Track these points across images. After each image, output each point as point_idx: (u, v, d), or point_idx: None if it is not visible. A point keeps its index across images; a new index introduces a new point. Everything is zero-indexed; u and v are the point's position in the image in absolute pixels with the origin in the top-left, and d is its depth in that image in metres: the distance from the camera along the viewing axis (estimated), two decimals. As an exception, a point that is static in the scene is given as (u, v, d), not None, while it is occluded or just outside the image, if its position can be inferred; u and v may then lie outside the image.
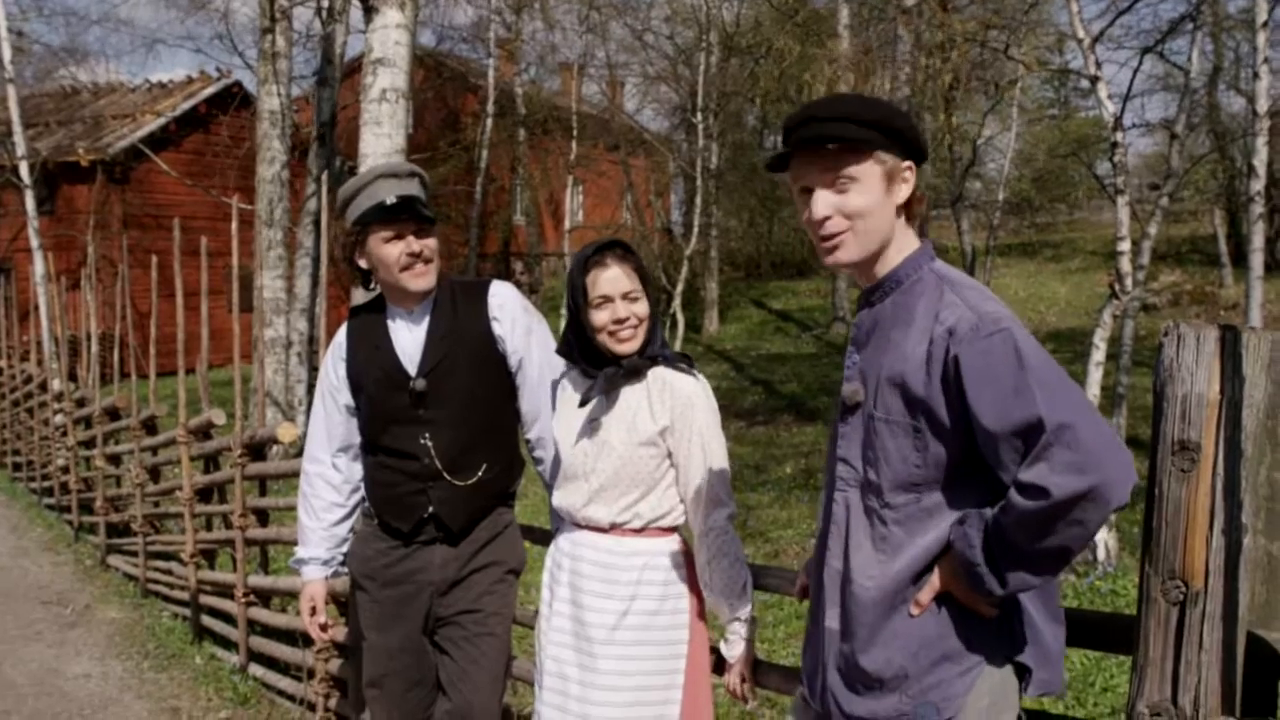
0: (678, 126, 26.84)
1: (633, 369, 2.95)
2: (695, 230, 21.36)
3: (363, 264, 3.37)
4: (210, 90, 25.01)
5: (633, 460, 2.93)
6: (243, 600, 5.96)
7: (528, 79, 27.59)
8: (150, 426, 8.26)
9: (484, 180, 26.19)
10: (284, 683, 5.62)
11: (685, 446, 2.93)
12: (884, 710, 2.23)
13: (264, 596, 6.04)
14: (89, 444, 9.82)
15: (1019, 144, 24.21)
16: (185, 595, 7.08)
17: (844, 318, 21.55)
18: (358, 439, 3.53)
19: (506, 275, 30.99)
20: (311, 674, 5.04)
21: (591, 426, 3.00)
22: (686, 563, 3.00)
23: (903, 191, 2.25)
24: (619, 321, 2.93)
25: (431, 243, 3.34)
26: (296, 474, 5.49)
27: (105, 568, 8.99)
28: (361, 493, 3.56)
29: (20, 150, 17.83)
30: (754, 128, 29.17)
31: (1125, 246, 8.75)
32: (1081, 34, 9.07)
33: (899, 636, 2.21)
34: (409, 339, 3.40)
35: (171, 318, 7.67)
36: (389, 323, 3.44)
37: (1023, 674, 2.24)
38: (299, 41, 15.90)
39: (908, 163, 2.25)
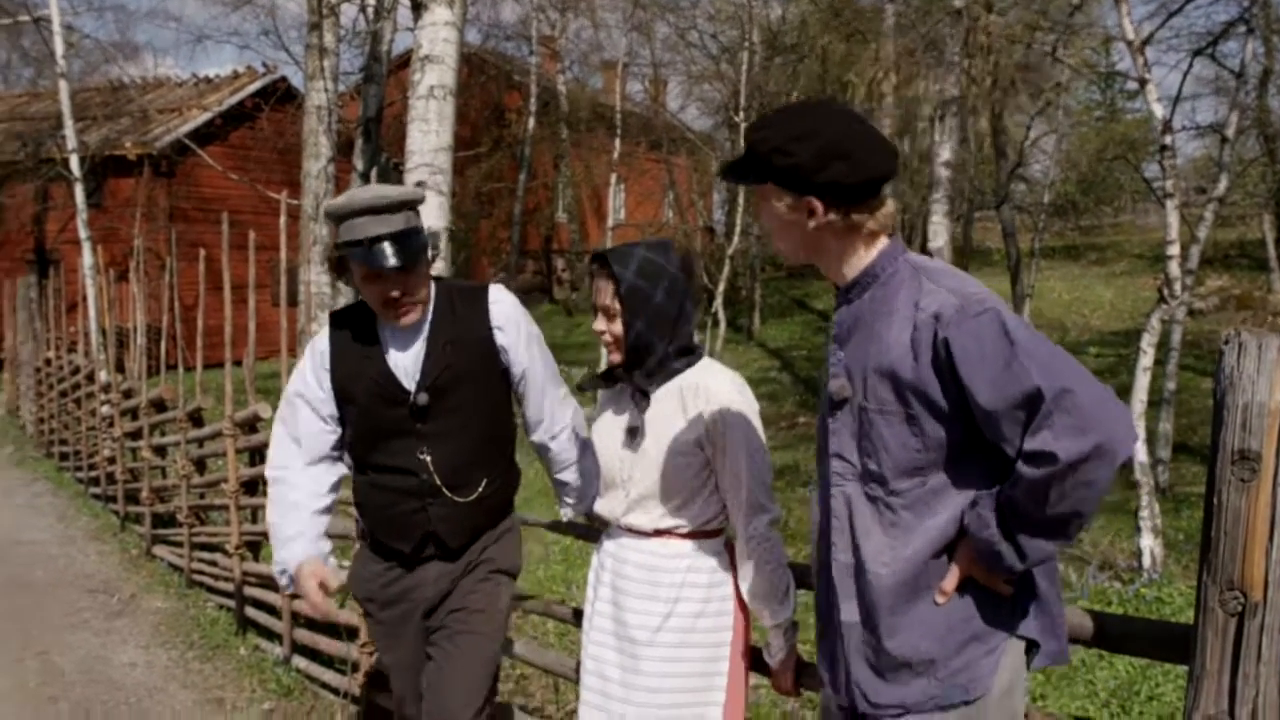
0: (720, 125, 26.82)
1: (595, 385, 3.10)
2: (737, 230, 21.35)
3: (351, 285, 3.22)
4: (256, 85, 25.26)
5: (671, 469, 2.92)
6: (287, 593, 6.01)
7: (571, 77, 27.65)
8: (196, 419, 8.34)
9: (526, 177, 26.27)
10: (327, 675, 5.66)
11: (724, 453, 2.90)
12: (912, 696, 2.25)
13: (307, 589, 6.09)
14: (135, 435, 9.93)
15: (1065, 146, 24.03)
16: (230, 587, 7.15)
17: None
18: (334, 451, 3.31)
19: (548, 272, 31.10)
20: (355, 667, 5.09)
21: (628, 435, 3.00)
22: (731, 564, 2.99)
23: (810, 223, 2.26)
24: (598, 335, 3.00)
25: (415, 282, 3.11)
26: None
27: (150, 558, 9.09)
28: (334, 499, 3.34)
29: (70, 143, 18.05)
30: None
31: (1174, 251, 8.68)
32: (1131, 36, 8.99)
33: (924, 622, 2.23)
34: (405, 349, 3.20)
35: (217, 310, 7.74)
36: (380, 330, 3.23)
37: (1031, 648, 2.28)
38: (345, 38, 15.97)
39: (805, 199, 2.23)
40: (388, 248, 3.04)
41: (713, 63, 24.23)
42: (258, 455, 7.09)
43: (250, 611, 6.84)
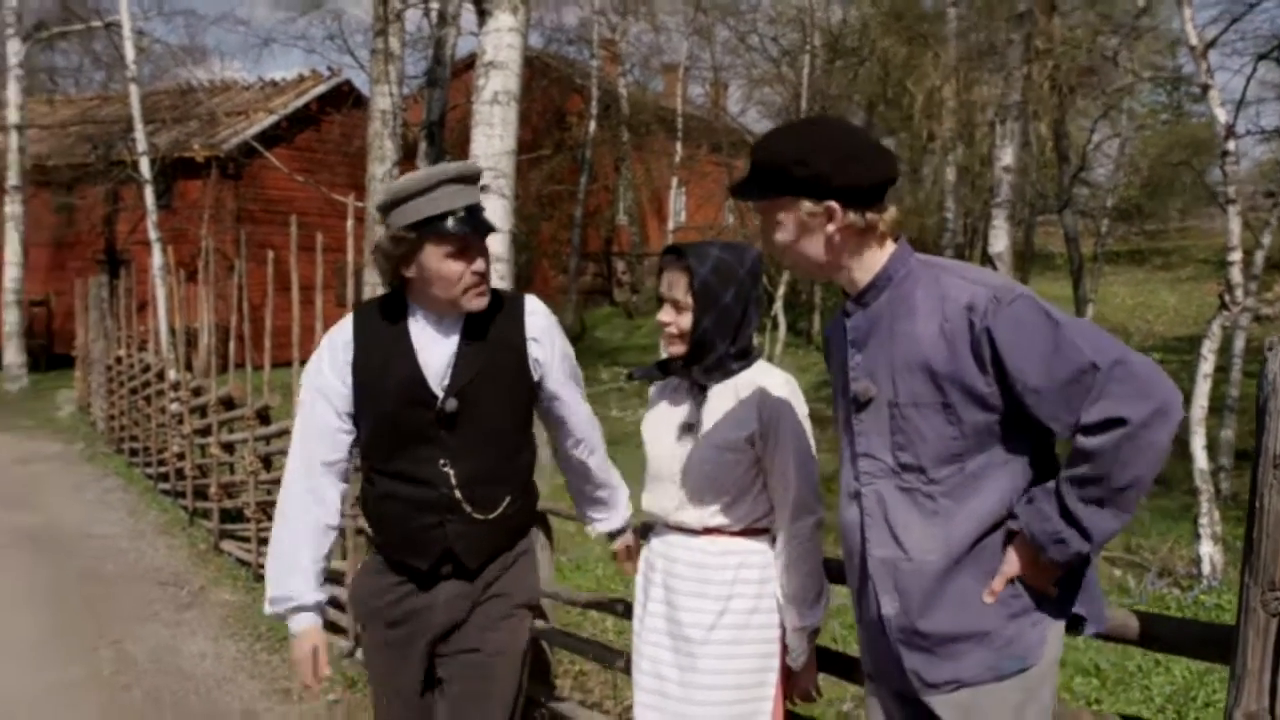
0: (777, 125, 26.81)
1: (648, 375, 3.10)
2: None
3: (408, 274, 2.95)
4: (321, 89, 25.71)
5: (721, 466, 2.94)
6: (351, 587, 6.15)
7: (632, 80, 27.78)
8: (264, 416, 8.53)
9: (587, 180, 26.42)
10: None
11: (774, 453, 2.94)
12: (968, 670, 2.30)
13: (373, 584, 6.23)
14: (204, 432, 10.15)
15: (1129, 149, 23.84)
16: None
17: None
18: (346, 456, 3.10)
19: (609, 274, 31.24)
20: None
21: (681, 431, 3.01)
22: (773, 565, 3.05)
23: (827, 228, 2.34)
24: (663, 325, 2.97)
25: (488, 260, 2.98)
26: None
27: (218, 552, 9.31)
28: (341, 520, 3.14)
29: (140, 146, 18.45)
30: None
31: (1236, 257, 8.63)
32: (1194, 41, 8.95)
33: (970, 598, 2.30)
34: (436, 350, 3.00)
35: (284, 310, 7.91)
36: (411, 327, 3.03)
37: (1077, 622, 2.37)
38: (409, 43, 16.21)
39: (825, 204, 2.31)
40: (481, 215, 2.92)
41: (773, 66, 24.27)
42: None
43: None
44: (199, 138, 23.73)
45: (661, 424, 3.08)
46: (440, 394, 2.96)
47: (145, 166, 18.52)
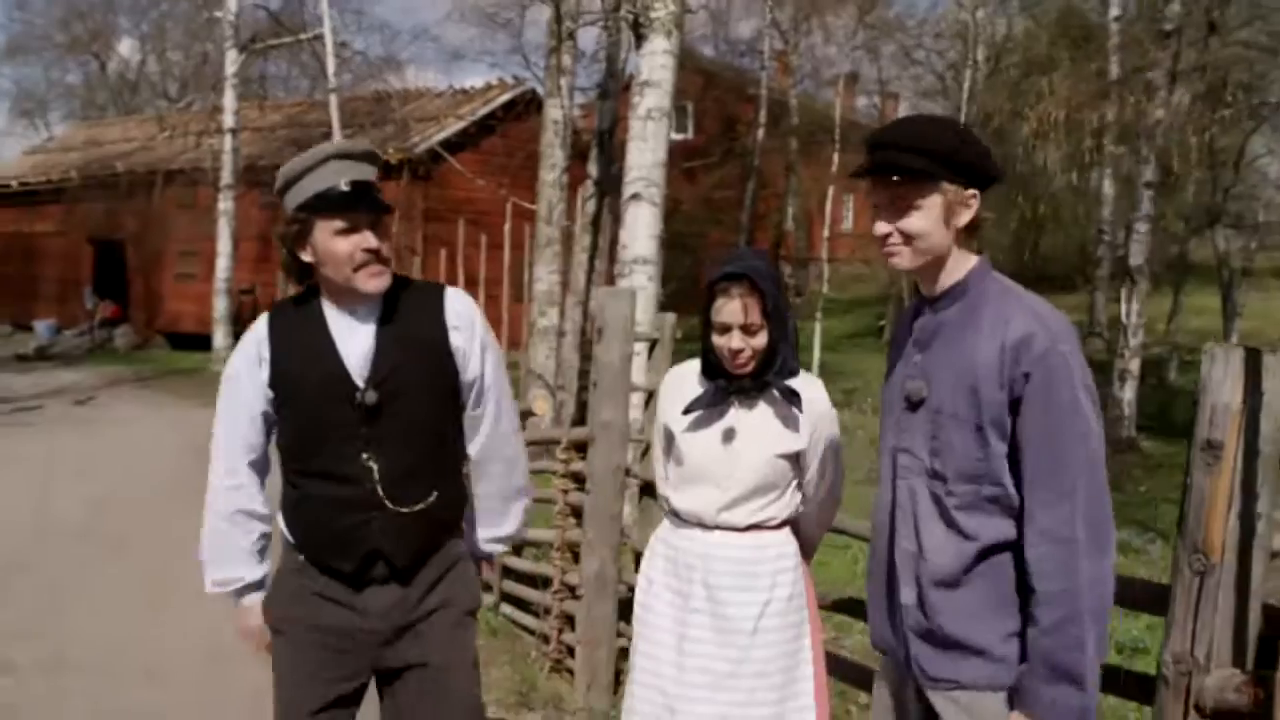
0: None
1: (739, 390, 3.05)
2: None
3: (306, 257, 2.88)
4: (506, 97, 26.81)
5: (772, 471, 3.06)
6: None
7: (801, 90, 28.32)
8: None
9: (755, 186, 27.01)
10: (527, 619, 6.54)
11: (819, 460, 3.13)
12: (967, 674, 2.43)
13: (516, 547, 7.08)
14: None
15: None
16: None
17: (1100, 333, 21.35)
18: (264, 453, 3.04)
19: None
20: (548, 611, 5.98)
21: (726, 434, 3.07)
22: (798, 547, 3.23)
23: (964, 216, 2.42)
24: (733, 352, 2.99)
25: (386, 239, 2.90)
26: (551, 441, 6.45)
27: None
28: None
29: (339, 150, 19.83)
30: (1024, 141, 28.94)
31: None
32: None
33: (971, 611, 2.42)
34: (353, 342, 2.91)
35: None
36: (327, 320, 2.94)
37: None
38: (581, 59, 17.17)
39: (971, 191, 2.40)
40: (367, 192, 2.85)
41: (938, 79, 24.50)
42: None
43: (469, 567, 7.89)
44: (393, 141, 25.05)
45: (703, 430, 3.11)
46: (361, 386, 2.87)
47: (343, 169, 19.88)
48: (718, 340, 3.02)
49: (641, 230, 8.51)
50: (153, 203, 27.51)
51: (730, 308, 2.98)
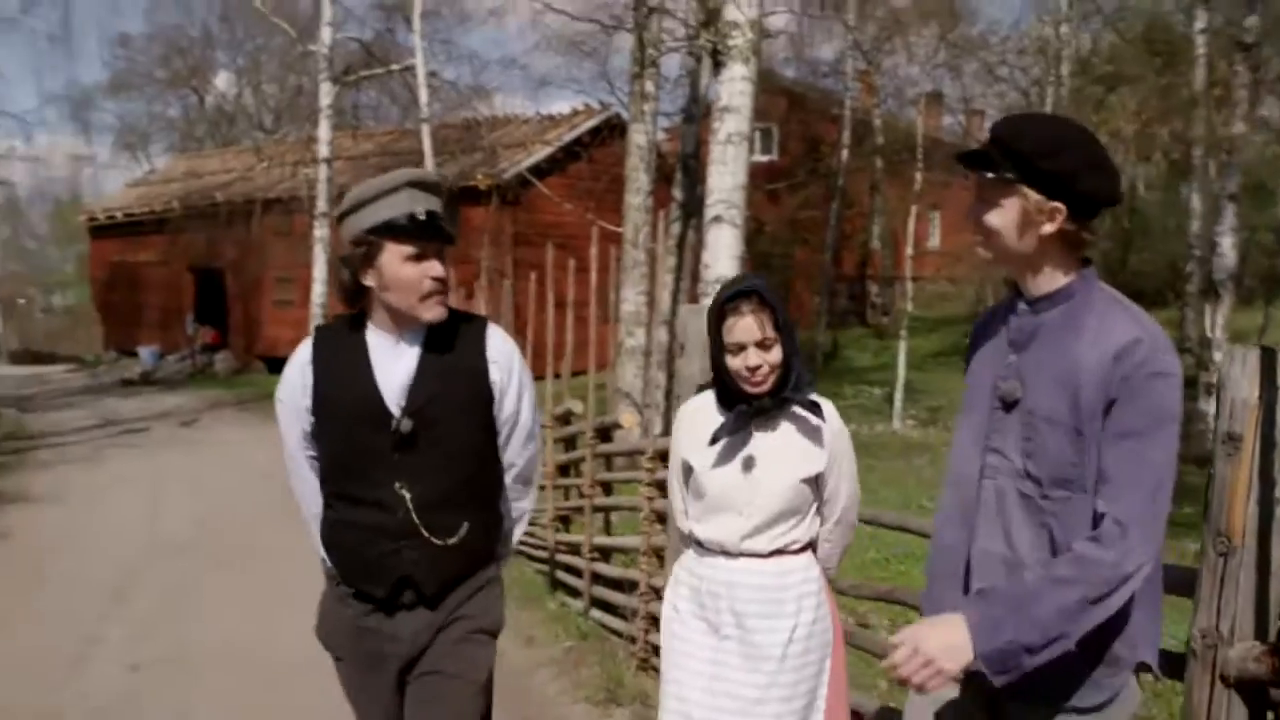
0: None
1: (760, 410, 3.07)
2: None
3: (367, 281, 2.90)
4: (591, 122, 27.31)
5: (792, 497, 3.09)
6: (588, 556, 7.33)
7: (885, 109, 28.44)
8: (566, 420, 9.81)
9: (840, 205, 27.16)
10: (617, 623, 6.84)
11: (836, 483, 3.17)
12: (1042, 687, 2.38)
13: (605, 553, 7.37)
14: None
15: None
16: (544, 554, 8.55)
17: (1191, 348, 21.14)
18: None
19: (862, 296, 31.84)
20: (634, 613, 6.27)
21: (746, 463, 3.10)
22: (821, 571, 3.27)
23: (1045, 227, 2.34)
24: (751, 369, 3.02)
25: (450, 270, 2.96)
26: (637, 452, 6.74)
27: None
28: None
29: (430, 178, 20.37)
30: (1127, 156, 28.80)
31: None
32: None
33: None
34: (393, 369, 2.95)
35: (557, 327, 9.04)
36: (369, 347, 2.98)
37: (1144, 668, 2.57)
38: (664, 86, 17.52)
39: (1055, 204, 2.31)
40: (437, 221, 2.88)
41: (1022, 96, 24.49)
42: (570, 444, 8.49)
43: (559, 574, 8.21)
44: (482, 168, 25.55)
45: (722, 458, 3.13)
46: (396, 414, 2.91)
47: (434, 196, 20.42)
48: (734, 362, 3.05)
49: (723, 251, 8.76)
50: (250, 231, 28.33)
51: (743, 325, 3.02)
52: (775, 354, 3.04)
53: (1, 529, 11.15)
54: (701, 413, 3.22)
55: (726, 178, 9.02)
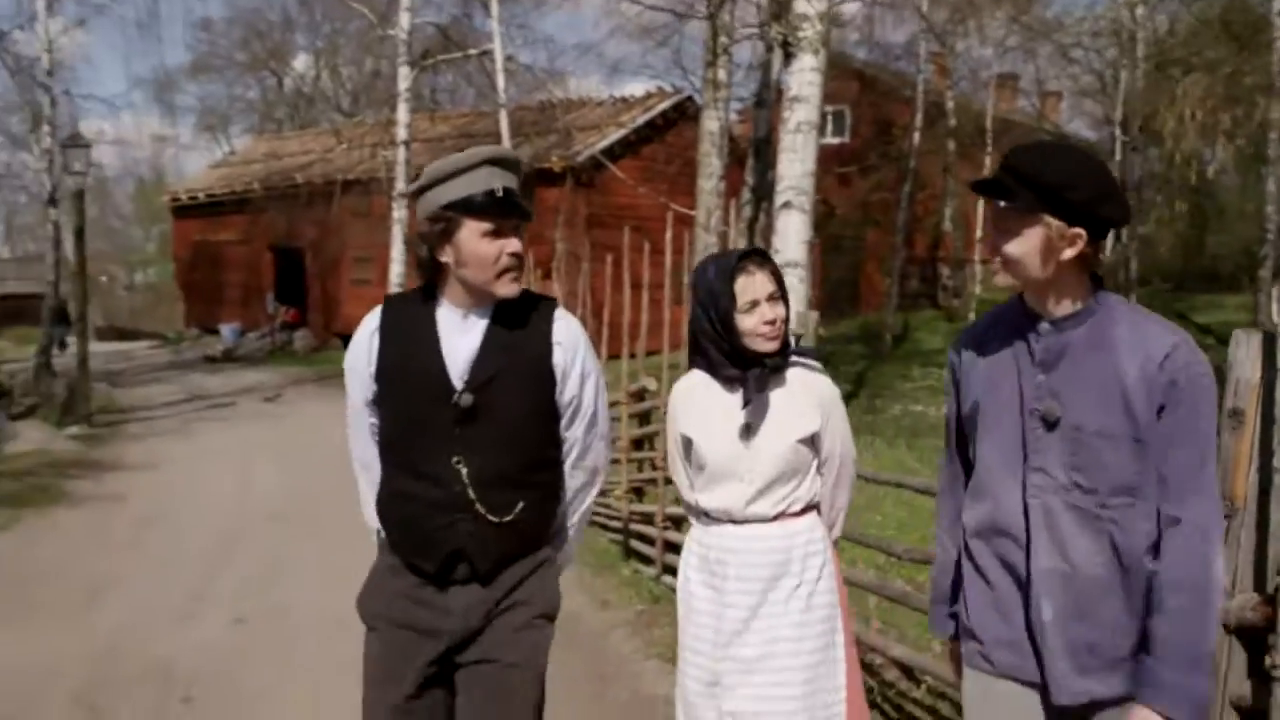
0: (1102, 138, 26.77)
1: (776, 367, 3.13)
2: (1109, 243, 21.49)
3: (444, 257, 2.91)
4: (665, 105, 27.61)
5: (792, 458, 3.14)
6: (661, 525, 7.73)
7: (958, 91, 28.41)
8: (640, 395, 10.22)
9: (912, 188, 27.21)
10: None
11: (832, 441, 3.23)
12: (1105, 690, 2.45)
13: (677, 522, 7.77)
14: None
15: None
16: (618, 524, 8.97)
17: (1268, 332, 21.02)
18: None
19: (934, 279, 31.86)
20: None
21: (744, 430, 3.13)
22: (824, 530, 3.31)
23: (1067, 252, 2.40)
24: (769, 323, 3.08)
25: (524, 247, 2.96)
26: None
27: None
28: None
29: (507, 161, 20.79)
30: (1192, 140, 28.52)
31: None
32: None
33: (1120, 624, 2.44)
34: (459, 343, 2.96)
35: (631, 307, 9.41)
36: (438, 319, 2.99)
37: None
38: (736, 72, 17.77)
39: (1075, 230, 2.38)
40: (514, 198, 2.91)
41: (1096, 78, 24.39)
42: (644, 419, 8.90)
43: (633, 543, 8.64)
44: (557, 150, 25.84)
45: (720, 425, 3.18)
46: (458, 388, 2.92)
47: (510, 179, 20.85)
48: (749, 320, 3.09)
49: (793, 236, 9.06)
50: (330, 212, 28.90)
51: (757, 280, 3.09)
52: (782, 309, 3.12)
53: (105, 492, 11.82)
54: (694, 390, 3.28)
55: (796, 165, 9.28)
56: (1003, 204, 2.42)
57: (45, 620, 7.08)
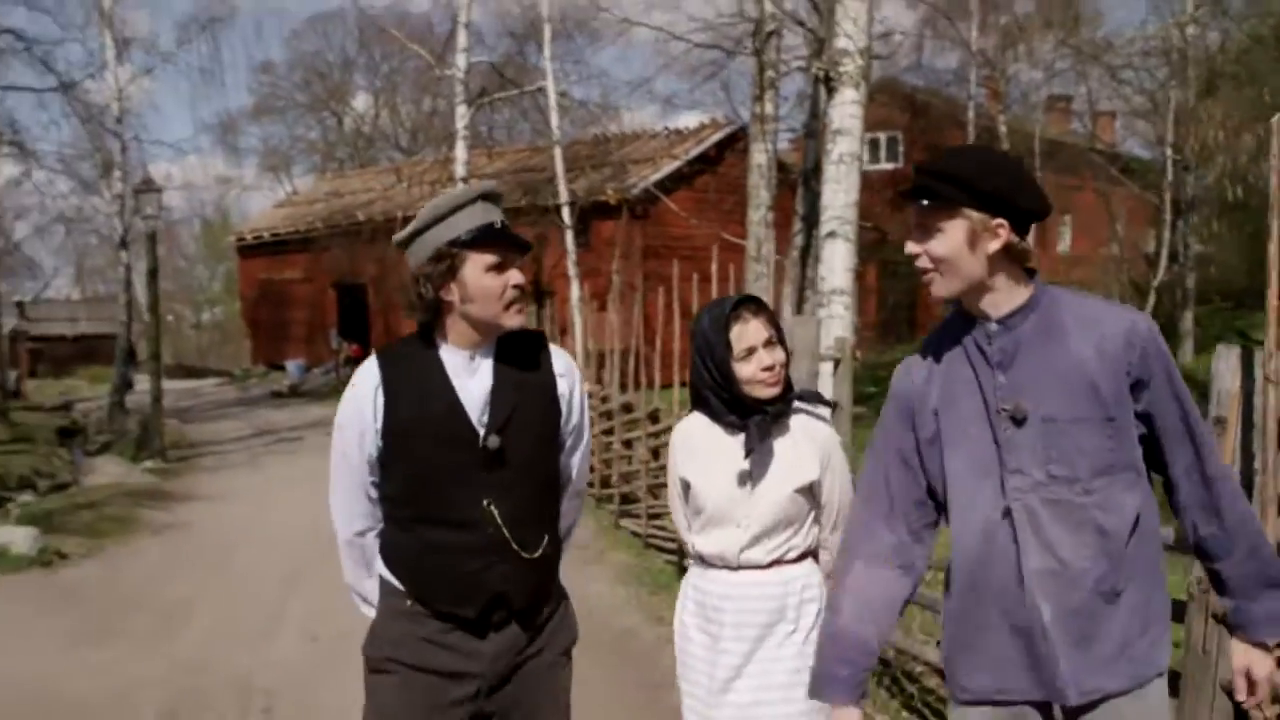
0: (1154, 157, 26.70)
1: (778, 414, 3.11)
2: (1163, 261, 21.66)
3: (448, 296, 2.84)
4: (718, 136, 27.96)
5: (789, 506, 3.11)
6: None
7: (1011, 114, 28.49)
8: (654, 417, 10.61)
9: (963, 212, 27.21)
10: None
11: (831, 488, 3.17)
12: (1114, 682, 2.44)
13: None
14: (608, 433, 12.36)
15: None
16: (673, 545, 9.26)
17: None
18: (374, 498, 3.00)
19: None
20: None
21: (743, 476, 3.11)
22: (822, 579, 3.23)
23: (992, 244, 2.41)
24: (767, 369, 3.06)
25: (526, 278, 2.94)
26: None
27: (617, 528, 11.42)
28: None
29: (562, 197, 21.25)
30: (1249, 156, 28.30)
31: None
32: None
33: (1123, 609, 2.44)
34: (470, 385, 2.90)
35: (682, 335, 9.70)
36: (443, 364, 2.91)
37: None
38: (786, 102, 18.05)
39: (998, 220, 2.40)
40: (510, 230, 2.89)
41: (1147, 98, 24.35)
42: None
43: (687, 563, 8.89)
44: (612, 183, 26.19)
45: (720, 469, 3.16)
46: (481, 431, 2.87)
47: (566, 214, 21.30)
48: (747, 368, 3.07)
49: (838, 264, 9.32)
50: (391, 249, 29.27)
51: (752, 327, 3.08)
52: (780, 354, 3.10)
53: (181, 521, 12.33)
54: (693, 434, 3.26)
55: (840, 195, 9.56)
56: (925, 203, 2.44)
57: (132, 640, 7.54)
